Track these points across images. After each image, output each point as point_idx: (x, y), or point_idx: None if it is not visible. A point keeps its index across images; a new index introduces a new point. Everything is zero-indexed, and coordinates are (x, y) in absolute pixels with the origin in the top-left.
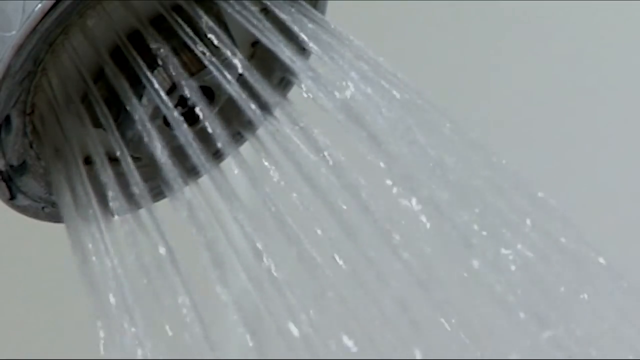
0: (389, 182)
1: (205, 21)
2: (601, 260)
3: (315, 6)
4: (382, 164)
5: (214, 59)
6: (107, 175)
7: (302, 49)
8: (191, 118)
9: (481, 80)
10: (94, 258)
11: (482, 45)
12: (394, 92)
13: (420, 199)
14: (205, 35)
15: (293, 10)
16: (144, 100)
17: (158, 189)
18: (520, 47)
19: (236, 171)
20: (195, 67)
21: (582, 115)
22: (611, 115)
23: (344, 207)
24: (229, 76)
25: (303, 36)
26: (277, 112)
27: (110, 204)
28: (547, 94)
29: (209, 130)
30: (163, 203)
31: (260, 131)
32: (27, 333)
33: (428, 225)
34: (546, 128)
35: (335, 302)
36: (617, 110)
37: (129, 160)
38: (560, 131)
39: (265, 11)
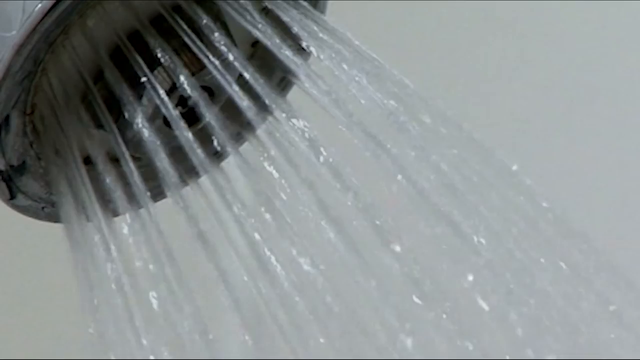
0: (390, 183)
1: (205, 21)
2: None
3: (315, 6)
4: (381, 164)
5: (214, 59)
6: (107, 175)
7: (302, 49)
8: (191, 118)
9: (482, 80)
10: (93, 258)
11: (483, 45)
12: (395, 93)
13: (420, 199)
14: (205, 35)
15: (293, 10)
16: (144, 100)
17: (158, 188)
18: (520, 47)
19: (236, 171)
20: (195, 67)
21: (582, 115)
22: (612, 115)
23: (344, 206)
24: (228, 76)
25: (303, 36)
26: (277, 112)
27: (110, 204)
28: (547, 93)
29: (209, 130)
30: (163, 203)
31: (260, 131)
32: (27, 333)
33: (429, 226)
34: (546, 127)
35: (335, 301)
36: (617, 109)
37: (129, 160)
38: (560, 131)
39: (265, 11)
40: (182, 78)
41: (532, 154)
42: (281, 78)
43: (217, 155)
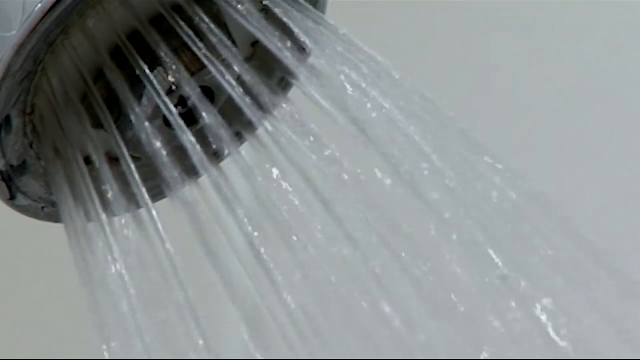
0: (388, 181)
1: (205, 21)
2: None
3: (315, 6)
4: (381, 163)
5: (213, 59)
6: (107, 175)
7: (302, 49)
8: (191, 118)
9: (482, 80)
10: (93, 258)
11: (483, 45)
12: (395, 92)
13: (420, 199)
14: (205, 36)
15: (293, 10)
16: (144, 100)
17: (158, 188)
18: (520, 47)
19: (236, 171)
20: (195, 67)
21: (582, 115)
22: (611, 115)
23: (344, 206)
24: (228, 76)
25: (303, 36)
26: (277, 112)
27: (110, 204)
28: (547, 93)
29: (209, 130)
30: (163, 203)
31: (260, 131)
32: (27, 333)
33: (431, 229)
34: (545, 127)
35: (335, 302)
36: (617, 109)
37: (129, 160)
38: (559, 130)
39: (265, 11)
40: (182, 78)
41: (531, 154)
42: (281, 78)
43: (216, 155)
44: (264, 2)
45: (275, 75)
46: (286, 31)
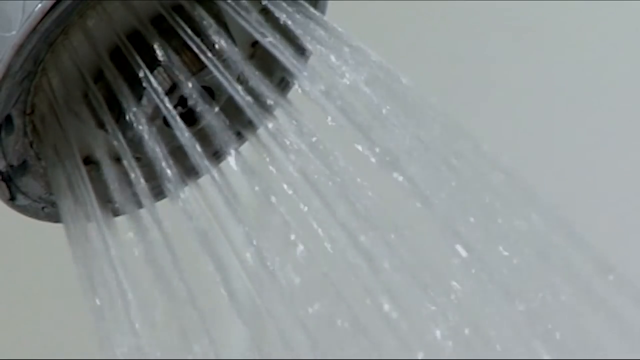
0: (388, 182)
1: (206, 21)
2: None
3: (315, 6)
4: (380, 164)
5: (214, 59)
6: (107, 175)
7: (302, 49)
8: (191, 118)
9: (481, 80)
10: (93, 258)
11: (483, 45)
12: (394, 93)
13: (420, 201)
14: (206, 35)
15: (293, 10)
16: (144, 100)
17: (158, 188)
18: (519, 47)
19: (236, 171)
20: (195, 67)
21: (581, 115)
22: (611, 115)
23: (344, 206)
24: (229, 76)
25: (303, 36)
26: (277, 112)
27: (110, 203)
28: (546, 93)
29: (209, 130)
30: (163, 203)
31: (260, 131)
32: (27, 333)
33: (431, 232)
34: (544, 127)
35: (336, 302)
36: (616, 109)
37: (129, 160)
38: (558, 130)
39: (265, 11)
40: (182, 78)
41: (530, 154)
42: (281, 78)
43: (217, 155)
44: (264, 2)
45: (275, 75)
46: (286, 31)
